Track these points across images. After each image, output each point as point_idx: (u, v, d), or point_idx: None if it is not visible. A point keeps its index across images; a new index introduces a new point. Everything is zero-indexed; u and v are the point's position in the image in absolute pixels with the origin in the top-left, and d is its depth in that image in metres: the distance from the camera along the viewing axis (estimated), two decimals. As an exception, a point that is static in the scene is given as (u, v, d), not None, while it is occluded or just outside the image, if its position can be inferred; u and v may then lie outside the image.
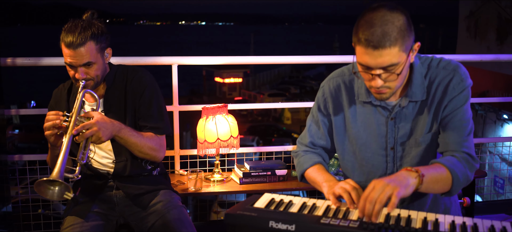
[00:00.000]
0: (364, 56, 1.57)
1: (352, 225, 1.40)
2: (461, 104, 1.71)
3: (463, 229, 1.42)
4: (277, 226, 1.44)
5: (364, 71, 1.61)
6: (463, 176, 1.65)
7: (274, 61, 3.52)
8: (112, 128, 2.01)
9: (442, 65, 1.74)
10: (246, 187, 2.98)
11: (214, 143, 2.96)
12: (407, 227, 1.40)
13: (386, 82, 1.60)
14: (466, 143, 1.71)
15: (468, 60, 3.68)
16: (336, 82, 1.85)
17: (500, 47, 14.29)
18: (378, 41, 1.52)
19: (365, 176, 1.82)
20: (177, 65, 3.14)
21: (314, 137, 1.92)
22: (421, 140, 1.74)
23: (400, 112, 1.74)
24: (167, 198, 2.24)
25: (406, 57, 1.58)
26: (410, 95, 1.71)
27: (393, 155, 1.77)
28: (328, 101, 1.86)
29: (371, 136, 1.78)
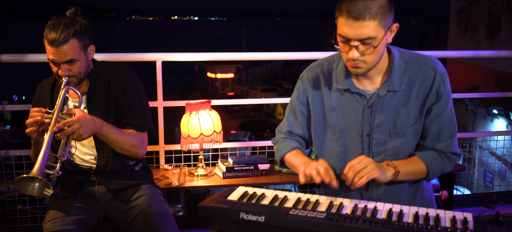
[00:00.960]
0: (344, 27, 1.64)
1: (319, 216, 1.46)
2: (445, 105, 1.82)
3: (426, 220, 1.48)
4: (247, 218, 1.50)
5: (342, 42, 1.68)
6: (439, 170, 1.85)
7: (259, 58, 3.56)
8: (93, 125, 2.05)
9: (423, 62, 1.81)
10: (229, 181, 3.04)
11: (197, 138, 3.01)
12: (372, 218, 1.45)
13: (362, 55, 1.67)
14: (452, 142, 1.85)
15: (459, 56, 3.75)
16: (315, 72, 1.92)
17: (491, 42, 14.40)
18: (359, 13, 1.60)
19: (342, 162, 1.88)
20: (162, 62, 3.19)
21: (292, 126, 1.98)
22: (404, 132, 1.81)
23: (377, 101, 1.80)
24: (148, 192, 2.29)
25: (383, 34, 1.65)
26: (388, 85, 1.78)
27: (369, 141, 1.84)
28: (307, 91, 1.92)
29: (349, 123, 1.85)
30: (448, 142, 1.84)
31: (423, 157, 1.83)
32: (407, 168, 1.79)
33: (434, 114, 1.81)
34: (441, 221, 1.48)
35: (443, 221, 1.48)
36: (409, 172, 1.80)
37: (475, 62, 14.08)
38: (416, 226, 1.40)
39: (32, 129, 2.00)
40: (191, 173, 3.12)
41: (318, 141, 1.93)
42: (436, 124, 1.82)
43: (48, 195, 1.90)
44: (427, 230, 1.37)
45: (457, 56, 3.75)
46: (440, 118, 1.81)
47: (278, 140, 2.03)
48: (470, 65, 14.63)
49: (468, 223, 1.46)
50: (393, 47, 1.80)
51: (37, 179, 1.89)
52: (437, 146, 1.84)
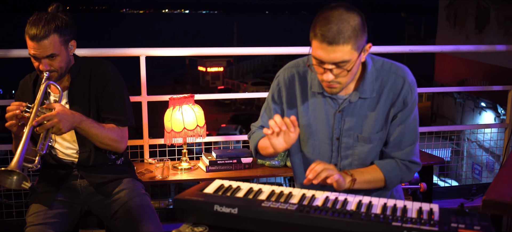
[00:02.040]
0: (318, 50, 1.67)
1: (290, 207, 1.51)
2: (410, 114, 1.86)
3: (393, 210, 1.54)
4: (221, 210, 1.55)
5: (317, 64, 1.72)
6: (397, 179, 1.90)
7: (242, 52, 3.60)
8: (72, 119, 2.08)
9: (393, 70, 1.86)
10: (212, 174, 3.08)
11: (180, 132, 3.05)
12: (341, 209, 1.51)
13: (337, 77, 1.72)
14: (412, 151, 1.90)
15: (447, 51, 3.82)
16: (290, 73, 1.96)
17: (479, 36, 14.52)
18: (333, 38, 1.63)
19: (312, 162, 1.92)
20: (150, 56, 3.22)
21: (266, 123, 2.03)
22: (371, 138, 1.86)
23: (348, 106, 1.85)
24: (130, 186, 2.33)
25: (357, 56, 1.70)
26: (360, 92, 1.83)
27: (338, 145, 1.89)
28: (282, 91, 1.97)
29: (320, 125, 1.89)
30: (408, 149, 1.88)
31: (382, 165, 1.88)
32: (364, 176, 1.84)
33: (398, 122, 1.85)
34: (408, 212, 1.53)
35: (410, 212, 1.53)
36: (366, 181, 1.84)
37: (463, 56, 14.20)
38: (382, 217, 1.45)
39: (11, 122, 2.03)
40: (175, 167, 3.16)
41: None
42: (398, 131, 1.86)
43: (26, 188, 1.93)
44: (393, 220, 1.43)
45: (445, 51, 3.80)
46: (403, 126, 1.86)
47: (253, 131, 2.08)
48: (459, 58, 14.76)
49: (434, 214, 1.51)
50: (367, 55, 1.84)
51: (15, 172, 1.92)
52: (397, 153, 1.89)
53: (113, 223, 2.30)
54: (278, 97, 1.98)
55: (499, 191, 1.62)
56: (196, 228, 1.57)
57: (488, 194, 1.59)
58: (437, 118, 17.87)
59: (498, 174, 1.79)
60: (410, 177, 1.91)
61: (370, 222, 1.42)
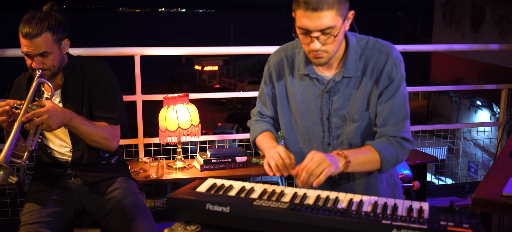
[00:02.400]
0: (303, 19, 1.68)
1: (281, 206, 1.53)
2: (397, 89, 1.83)
3: (383, 209, 1.55)
4: (213, 208, 1.56)
5: (303, 34, 1.72)
6: (392, 158, 1.83)
7: (240, 52, 3.61)
8: (63, 116, 2.09)
9: (377, 47, 1.85)
10: (207, 173, 3.09)
11: (175, 131, 3.06)
12: (332, 207, 1.52)
13: (323, 45, 1.72)
14: (403, 127, 1.85)
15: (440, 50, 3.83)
16: (279, 56, 1.97)
17: (475, 34, 14.57)
18: (317, 4, 1.64)
19: (306, 144, 1.95)
20: (146, 56, 3.23)
21: (262, 107, 2.06)
22: (357, 117, 1.86)
23: (334, 86, 1.86)
24: (124, 185, 2.34)
25: (342, 23, 1.70)
26: (343, 71, 1.83)
27: (328, 125, 1.90)
28: (272, 74, 1.98)
29: (310, 107, 1.91)
30: (398, 126, 1.83)
31: (375, 145, 1.82)
32: (359, 157, 1.78)
33: (385, 98, 1.83)
34: (398, 210, 1.55)
35: (400, 210, 1.55)
36: (361, 162, 1.78)
37: (459, 54, 14.25)
38: (372, 215, 1.46)
39: (2, 118, 2.05)
40: (170, 166, 3.18)
41: (284, 123, 1.99)
42: (387, 108, 1.83)
43: (12, 183, 1.94)
44: (383, 218, 1.44)
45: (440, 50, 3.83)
46: (391, 102, 1.82)
47: (252, 122, 2.10)
48: (454, 57, 14.80)
49: (423, 212, 1.53)
50: (350, 34, 1.84)
51: (2, 167, 1.93)
52: (388, 130, 1.84)
53: (107, 222, 2.31)
54: (270, 81, 2.00)
55: (488, 189, 1.64)
56: (189, 226, 1.58)
57: (478, 193, 1.61)
58: (433, 116, 17.92)
59: (488, 173, 1.81)
60: (404, 156, 1.86)
61: (360, 220, 1.44)
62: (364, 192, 1.95)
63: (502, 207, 1.56)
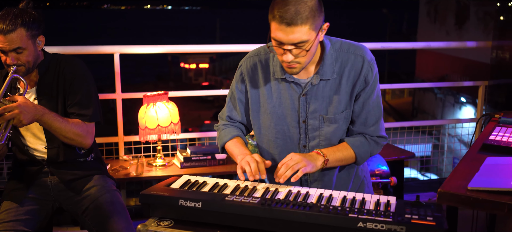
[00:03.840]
0: (277, 32, 1.72)
1: (252, 201, 1.56)
2: (372, 91, 1.91)
3: (352, 203, 1.60)
4: (186, 204, 1.59)
5: (277, 46, 1.76)
6: (366, 154, 1.95)
7: (216, 50, 3.64)
8: (34, 112, 2.10)
9: (352, 50, 1.90)
10: (187, 171, 3.12)
11: (154, 129, 3.07)
12: (302, 202, 1.56)
13: (296, 57, 1.76)
14: (379, 126, 1.96)
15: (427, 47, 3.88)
16: (252, 62, 1.99)
17: (459, 31, 14.74)
18: (291, 19, 1.67)
19: (280, 148, 1.98)
20: (119, 54, 3.23)
21: (232, 112, 2.07)
22: (336, 118, 1.91)
23: (311, 89, 1.90)
24: (100, 182, 2.35)
25: (315, 36, 1.74)
26: (321, 74, 1.87)
27: (305, 127, 1.93)
28: (245, 79, 2.00)
29: (286, 110, 1.94)
30: (374, 126, 1.94)
31: (351, 142, 1.92)
32: (336, 155, 1.88)
33: (362, 100, 1.90)
34: (366, 204, 1.59)
35: (368, 204, 1.59)
36: (338, 159, 1.89)
37: (444, 52, 14.41)
38: (340, 208, 1.50)
39: None
40: (150, 164, 3.19)
41: (257, 128, 2.02)
42: (363, 109, 1.91)
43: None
44: (350, 212, 1.48)
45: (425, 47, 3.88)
46: (367, 104, 1.91)
47: (220, 126, 2.10)
48: (439, 54, 14.96)
49: (390, 206, 1.57)
50: (325, 37, 1.88)
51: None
52: (365, 130, 1.94)
53: (84, 220, 2.32)
54: (242, 86, 2.02)
55: (454, 183, 1.68)
56: (162, 222, 1.61)
57: (444, 187, 1.65)
58: (418, 113, 18.11)
59: (456, 168, 1.86)
60: (378, 150, 1.98)
61: (327, 213, 1.48)
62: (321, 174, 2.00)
63: (467, 201, 1.60)
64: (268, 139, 2.01)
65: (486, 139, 2.15)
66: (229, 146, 2.00)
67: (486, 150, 2.06)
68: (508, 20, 4.17)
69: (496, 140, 2.12)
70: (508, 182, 1.62)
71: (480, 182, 1.65)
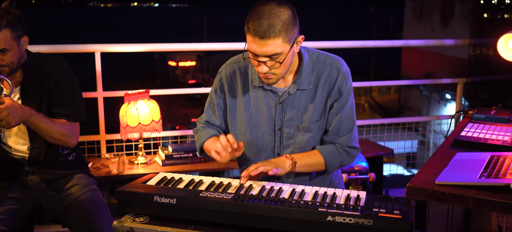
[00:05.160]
0: (252, 44, 1.76)
1: (226, 197, 1.60)
2: (346, 102, 1.96)
3: (323, 198, 1.64)
4: (161, 200, 1.62)
5: (252, 57, 1.80)
6: (336, 163, 2.00)
7: (200, 48, 3.66)
8: (22, 113, 2.12)
9: (328, 62, 1.96)
10: (168, 168, 3.15)
11: (136, 127, 3.10)
12: (274, 197, 1.60)
13: (271, 69, 1.80)
14: (351, 136, 2.00)
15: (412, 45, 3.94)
16: (232, 68, 2.03)
17: (444, 29, 14.89)
18: (264, 32, 1.72)
19: (254, 154, 2.02)
20: (100, 53, 3.25)
21: (211, 117, 2.10)
22: (310, 128, 1.96)
23: (288, 98, 1.94)
24: (81, 181, 2.37)
25: (289, 48, 1.78)
26: (298, 84, 1.92)
27: (280, 135, 1.98)
28: (224, 85, 2.04)
29: (262, 117, 1.98)
30: (346, 136, 1.98)
31: (322, 150, 1.97)
32: (305, 160, 1.93)
33: (336, 111, 1.95)
34: (337, 198, 1.64)
35: (338, 199, 1.64)
36: (306, 164, 1.93)
37: (429, 49, 14.56)
38: (311, 203, 1.55)
39: None
40: (132, 162, 3.22)
41: (234, 133, 2.05)
42: (336, 120, 1.96)
43: None
44: (320, 206, 1.53)
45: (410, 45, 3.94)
46: (340, 115, 1.96)
47: (198, 129, 2.13)
48: (425, 51, 15.10)
49: (360, 200, 1.62)
50: (302, 48, 1.94)
51: None
52: (337, 140, 1.99)
53: (65, 218, 2.34)
54: (221, 92, 2.05)
55: (423, 178, 1.74)
56: (137, 218, 1.64)
57: (412, 182, 1.71)
58: (404, 110, 18.28)
59: (426, 163, 1.91)
60: (350, 161, 2.01)
61: (298, 208, 1.52)
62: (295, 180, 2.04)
63: (434, 195, 1.65)
64: (244, 144, 2.04)
65: (457, 135, 2.21)
66: (207, 144, 2.02)
67: (457, 146, 2.12)
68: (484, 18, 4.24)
69: (467, 136, 2.18)
70: (474, 176, 1.68)
71: (448, 176, 1.71)
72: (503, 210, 1.57)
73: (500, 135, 2.18)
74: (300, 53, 1.93)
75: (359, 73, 24.15)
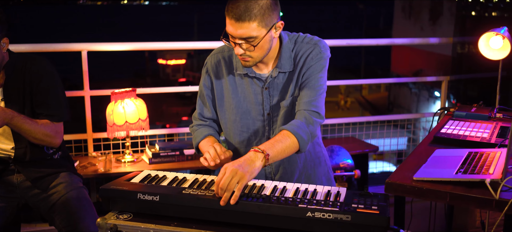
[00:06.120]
0: (229, 26, 1.80)
1: (208, 194, 1.63)
2: (316, 71, 1.94)
3: (304, 194, 1.67)
4: (144, 198, 1.64)
5: (231, 39, 1.84)
6: (307, 135, 1.88)
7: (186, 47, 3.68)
8: (4, 115, 2.12)
9: (306, 41, 1.98)
10: (156, 166, 3.17)
11: (122, 125, 3.11)
12: (256, 194, 1.63)
13: (247, 51, 1.83)
14: (315, 102, 1.92)
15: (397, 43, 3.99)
16: (216, 58, 2.06)
17: (433, 27, 14.99)
18: (240, 15, 1.75)
19: (246, 142, 2.05)
20: (87, 51, 3.26)
21: (202, 110, 2.12)
22: (284, 104, 1.97)
23: (272, 82, 1.97)
24: (67, 180, 2.39)
25: (266, 32, 1.81)
26: (279, 67, 1.95)
27: (269, 119, 2.01)
28: (210, 76, 2.07)
29: (251, 104, 2.01)
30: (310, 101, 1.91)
31: (289, 128, 1.86)
32: (276, 147, 1.80)
33: (305, 77, 1.93)
34: (317, 195, 1.67)
35: (319, 195, 1.67)
36: (279, 150, 1.81)
37: (418, 47, 14.67)
38: (291, 199, 1.58)
39: None
40: (119, 160, 3.23)
41: (223, 122, 2.08)
42: (306, 86, 1.93)
43: None
44: (300, 202, 1.56)
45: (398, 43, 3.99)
46: (309, 80, 1.92)
47: (194, 127, 2.14)
48: (414, 50, 15.21)
49: (340, 196, 1.65)
50: (284, 33, 1.96)
51: None
52: (300, 104, 1.92)
53: (51, 216, 2.35)
54: (209, 83, 2.08)
55: (401, 174, 1.78)
56: (121, 215, 1.66)
57: (391, 178, 1.75)
58: (394, 107, 18.42)
59: (406, 159, 1.96)
60: (315, 127, 1.91)
61: (279, 204, 1.55)
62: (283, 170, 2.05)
63: (412, 191, 1.69)
64: (234, 133, 2.07)
65: (437, 132, 2.25)
66: (202, 145, 2.04)
67: (436, 142, 2.17)
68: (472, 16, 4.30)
69: (447, 133, 2.22)
70: (451, 172, 1.72)
71: (425, 172, 1.75)
72: (478, 205, 1.61)
73: (479, 132, 2.23)
74: (281, 38, 1.94)
75: (350, 71, 24.28)
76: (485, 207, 1.62)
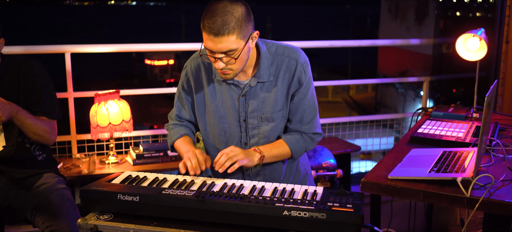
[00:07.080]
0: (207, 41, 1.82)
1: (187, 194, 1.66)
2: (307, 91, 2.05)
3: (282, 193, 1.71)
4: (124, 198, 1.67)
5: (209, 54, 1.87)
6: (301, 150, 2.10)
7: (170, 48, 3.69)
8: (10, 108, 2.19)
9: (286, 53, 2.03)
10: (139, 167, 3.19)
11: (106, 127, 3.13)
12: (234, 194, 1.66)
13: (227, 65, 1.87)
14: (313, 124, 2.10)
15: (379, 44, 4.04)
16: (196, 63, 2.09)
17: (419, 27, 15.15)
18: (218, 30, 1.78)
19: (224, 144, 2.10)
20: (70, 53, 3.27)
21: (181, 111, 2.17)
22: (273, 117, 2.04)
23: (249, 90, 2.02)
24: (50, 180, 2.40)
25: (244, 44, 1.84)
26: (258, 77, 1.99)
27: (245, 126, 2.06)
28: (190, 80, 2.10)
29: (227, 110, 2.05)
30: (309, 124, 2.08)
31: (287, 139, 2.06)
32: (272, 151, 2.03)
33: (297, 100, 2.04)
34: (295, 194, 1.71)
35: (296, 194, 1.71)
36: (274, 155, 2.04)
37: (405, 47, 14.81)
38: (269, 199, 1.62)
39: None
40: (103, 161, 3.25)
41: (202, 125, 2.12)
42: (299, 108, 2.05)
43: None
44: (277, 201, 1.60)
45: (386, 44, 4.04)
46: (303, 103, 2.04)
47: (170, 126, 2.19)
48: (400, 50, 15.34)
49: (316, 195, 1.70)
50: (260, 42, 2.00)
51: None
52: (301, 128, 2.09)
53: (34, 217, 2.36)
54: (188, 86, 2.11)
55: (377, 173, 1.82)
56: (102, 216, 1.69)
57: (367, 177, 1.79)
58: (381, 107, 18.56)
59: (382, 158, 2.00)
60: (313, 146, 2.14)
61: (256, 204, 1.59)
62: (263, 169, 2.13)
63: (387, 189, 1.74)
64: (212, 136, 2.11)
65: (414, 131, 2.30)
66: (177, 144, 2.10)
67: (413, 142, 2.22)
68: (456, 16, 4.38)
69: (423, 133, 2.28)
70: (424, 171, 1.77)
71: (400, 171, 1.80)
72: (450, 202, 1.66)
73: (455, 131, 2.28)
74: (258, 46, 1.99)
75: (336, 72, 24.42)
76: (457, 205, 1.67)
